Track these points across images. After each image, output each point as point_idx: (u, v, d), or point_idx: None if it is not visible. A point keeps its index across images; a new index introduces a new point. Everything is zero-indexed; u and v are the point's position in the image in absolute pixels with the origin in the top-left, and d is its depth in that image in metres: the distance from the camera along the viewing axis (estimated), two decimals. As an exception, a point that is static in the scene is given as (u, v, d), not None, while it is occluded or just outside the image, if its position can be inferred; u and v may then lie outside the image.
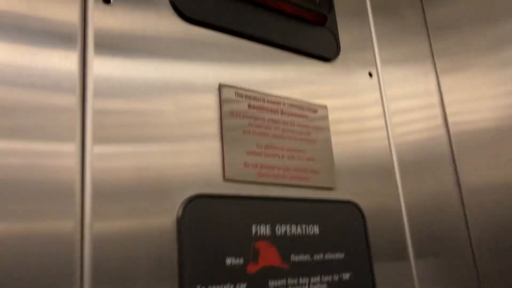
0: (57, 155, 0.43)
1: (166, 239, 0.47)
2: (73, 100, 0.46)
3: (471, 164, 0.81)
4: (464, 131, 0.84)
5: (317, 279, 0.56)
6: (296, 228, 0.56)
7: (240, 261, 0.50)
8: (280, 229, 0.55)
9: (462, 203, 0.80)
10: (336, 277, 0.57)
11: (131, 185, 0.47)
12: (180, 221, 0.48)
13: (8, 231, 0.39)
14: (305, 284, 0.54)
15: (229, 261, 0.50)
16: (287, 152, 0.59)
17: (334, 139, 0.65)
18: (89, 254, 0.43)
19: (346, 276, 0.58)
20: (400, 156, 0.74)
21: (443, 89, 0.88)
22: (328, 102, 0.67)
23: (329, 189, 0.62)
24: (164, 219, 0.48)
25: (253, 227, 0.53)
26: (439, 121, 0.84)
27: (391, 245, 0.67)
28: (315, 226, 0.58)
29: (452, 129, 0.84)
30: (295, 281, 0.54)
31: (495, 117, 0.83)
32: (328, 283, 0.56)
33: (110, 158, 0.46)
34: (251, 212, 0.53)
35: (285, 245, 0.54)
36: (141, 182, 0.47)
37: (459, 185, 0.81)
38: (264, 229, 0.53)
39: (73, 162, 0.44)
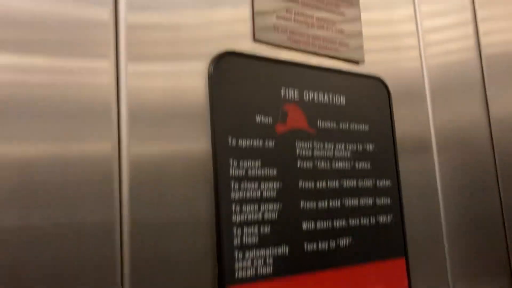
0: (91, 72, 0.42)
1: (201, 164, 0.47)
2: (106, 13, 0.43)
3: (502, 91, 0.78)
4: (496, 54, 0.80)
5: (342, 146, 0.57)
6: (323, 96, 0.56)
7: (269, 120, 0.51)
8: (308, 95, 0.55)
9: (490, 131, 0.79)
10: (360, 147, 0.59)
11: (167, 106, 0.46)
12: (211, 77, 0.48)
13: (45, 151, 0.39)
14: (330, 150, 0.56)
15: (258, 118, 0.51)
16: (316, 21, 0.58)
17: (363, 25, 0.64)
18: (127, 175, 0.42)
19: (370, 147, 0.60)
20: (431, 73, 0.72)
21: (477, 5, 0.83)
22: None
23: (357, 62, 0.61)
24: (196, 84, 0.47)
25: (282, 90, 0.53)
26: (472, 41, 0.80)
27: (414, 134, 0.68)
28: (341, 96, 0.58)
29: (484, 51, 0.80)
30: (321, 146, 0.55)
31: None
32: (352, 151, 0.58)
33: (145, 77, 0.45)
34: (280, 75, 0.53)
35: (312, 110, 0.55)
36: (175, 101, 0.46)
37: (488, 112, 0.79)
38: (292, 93, 0.54)
39: (108, 80, 0.43)
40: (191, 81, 0.47)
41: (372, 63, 0.63)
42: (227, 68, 0.49)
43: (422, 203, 0.67)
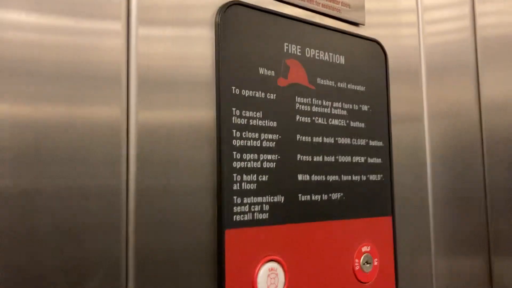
0: (103, 34, 0.42)
1: (206, 133, 0.47)
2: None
3: (494, 73, 0.79)
4: (492, 36, 0.80)
5: (339, 105, 0.59)
6: (324, 54, 0.58)
7: (272, 73, 0.53)
8: (310, 52, 0.57)
9: (480, 110, 0.80)
10: (356, 107, 0.61)
11: (176, 73, 0.46)
12: (218, 26, 0.49)
13: (52, 113, 0.39)
14: (327, 107, 0.58)
15: (261, 71, 0.52)
16: (321, -19, 0.59)
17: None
18: (135, 139, 0.43)
19: (365, 108, 0.62)
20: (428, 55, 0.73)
21: None
22: None
23: (358, 25, 0.63)
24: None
25: (285, 45, 0.54)
26: (468, 22, 0.80)
27: (407, 105, 0.70)
28: (341, 56, 0.60)
29: (479, 32, 0.80)
30: (319, 103, 0.57)
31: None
32: (348, 110, 0.60)
33: (155, 41, 0.45)
34: (283, 30, 0.54)
35: (313, 68, 0.57)
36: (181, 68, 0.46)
37: (479, 92, 0.80)
38: (295, 49, 0.55)
39: (119, 43, 0.43)
40: (200, 46, 0.48)
41: (372, 30, 0.64)
42: (233, 18, 0.50)
43: (411, 169, 0.70)
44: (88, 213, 0.40)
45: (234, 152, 0.49)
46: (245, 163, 0.50)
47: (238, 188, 0.49)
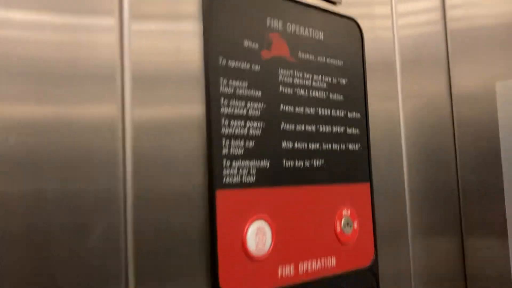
0: (96, 30, 0.41)
1: (200, 126, 0.49)
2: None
3: (465, 68, 0.82)
4: (462, 28, 0.82)
5: (319, 77, 0.63)
6: (304, 29, 0.62)
7: (256, 46, 0.56)
8: (291, 27, 0.60)
9: (451, 101, 0.84)
10: (334, 80, 0.65)
11: (170, 69, 0.47)
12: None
13: (49, 114, 0.38)
14: (308, 79, 0.61)
15: (246, 43, 0.55)
16: (300, -39, 0.62)
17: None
18: (131, 140, 0.43)
19: (343, 81, 0.66)
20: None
21: None
22: None
23: (335, 3, 0.67)
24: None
25: (268, 19, 0.58)
26: (439, 14, 0.83)
27: (382, 93, 0.74)
28: (320, 32, 0.64)
29: (449, 24, 0.83)
30: (300, 75, 0.61)
31: (500, 13, 0.78)
32: (327, 83, 0.64)
33: (149, 37, 0.45)
34: (266, 5, 0.58)
35: (294, 42, 0.60)
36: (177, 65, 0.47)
37: (450, 90, 0.83)
38: (277, 24, 0.59)
39: (113, 39, 0.42)
40: (194, 40, 0.50)
41: (349, 7, 0.68)
42: (219, -7, 0.53)
43: (386, 146, 0.74)
44: (84, 210, 0.39)
45: (223, 119, 0.52)
46: (233, 129, 0.53)
47: (227, 152, 0.52)
